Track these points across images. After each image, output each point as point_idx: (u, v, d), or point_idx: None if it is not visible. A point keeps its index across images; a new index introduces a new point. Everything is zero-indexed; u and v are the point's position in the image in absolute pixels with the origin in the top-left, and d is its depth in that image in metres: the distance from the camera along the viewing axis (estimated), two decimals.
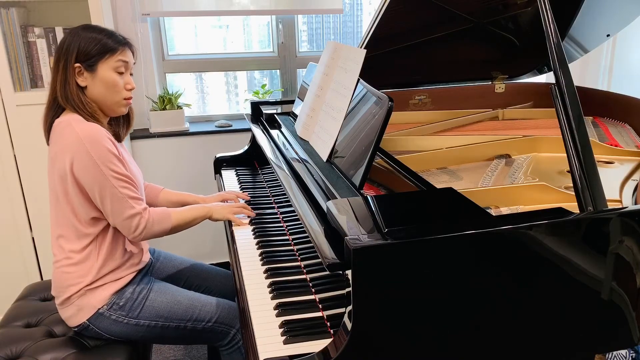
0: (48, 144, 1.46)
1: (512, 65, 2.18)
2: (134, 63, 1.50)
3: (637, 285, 1.06)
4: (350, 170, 1.28)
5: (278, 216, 1.67)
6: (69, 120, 1.39)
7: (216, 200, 1.77)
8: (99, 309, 1.43)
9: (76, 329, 1.46)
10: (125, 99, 1.47)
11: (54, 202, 1.45)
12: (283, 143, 1.68)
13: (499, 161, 1.68)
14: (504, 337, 1.01)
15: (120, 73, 1.44)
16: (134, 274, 1.50)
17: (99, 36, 1.41)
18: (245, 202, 1.76)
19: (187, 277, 1.71)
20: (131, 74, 1.48)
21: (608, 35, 2.06)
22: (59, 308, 1.47)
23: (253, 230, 1.60)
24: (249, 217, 1.68)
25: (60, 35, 2.23)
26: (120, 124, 1.57)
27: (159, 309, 1.47)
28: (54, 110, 1.44)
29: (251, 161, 2.15)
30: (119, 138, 1.55)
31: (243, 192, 1.89)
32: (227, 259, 1.55)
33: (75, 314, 1.43)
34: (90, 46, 1.40)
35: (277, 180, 1.80)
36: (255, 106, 2.10)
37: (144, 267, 1.57)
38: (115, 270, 1.46)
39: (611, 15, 1.96)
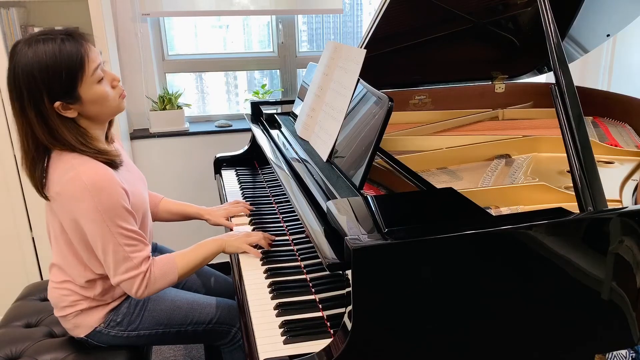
0: (43, 195, 1.28)
1: (512, 65, 2.18)
2: (101, 53, 1.27)
3: (637, 285, 1.06)
4: (350, 170, 1.28)
5: (278, 216, 1.67)
6: (72, 163, 1.22)
7: (222, 214, 1.68)
8: (96, 327, 1.39)
9: (77, 339, 1.44)
10: (120, 96, 1.31)
11: (52, 236, 1.36)
12: (283, 143, 1.68)
13: (499, 161, 1.68)
14: (504, 337, 1.01)
15: (102, 79, 1.24)
16: None
17: (57, 63, 1.15)
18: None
19: (187, 280, 1.70)
20: (104, 63, 1.27)
21: (608, 35, 2.06)
22: (58, 318, 1.44)
23: (253, 230, 1.60)
24: (249, 215, 1.68)
25: None
26: (110, 124, 1.40)
27: (158, 318, 1.44)
28: (44, 157, 1.25)
29: (251, 161, 2.15)
30: (111, 139, 1.42)
31: (243, 192, 1.90)
32: (227, 259, 1.54)
33: (73, 329, 1.41)
34: (56, 75, 1.16)
35: (277, 180, 1.80)
36: (255, 106, 2.10)
37: None
38: (112, 294, 1.41)
39: (611, 15, 1.96)
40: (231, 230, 1.63)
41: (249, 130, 2.12)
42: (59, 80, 1.17)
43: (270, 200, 1.81)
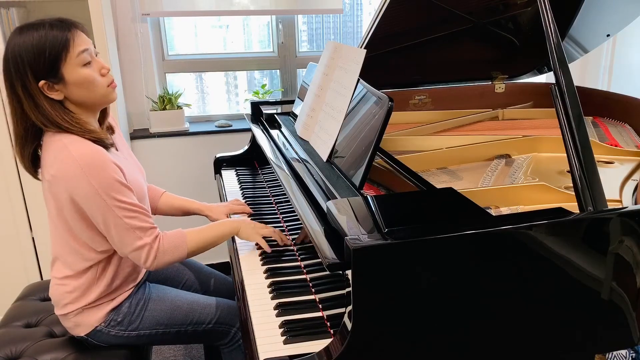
0: (37, 177, 1.33)
1: (512, 65, 2.18)
2: (94, 45, 1.32)
3: (637, 285, 1.06)
4: (350, 170, 1.28)
5: (278, 216, 1.67)
6: (64, 142, 1.24)
7: (223, 211, 1.68)
8: (97, 326, 1.40)
9: (77, 338, 1.44)
10: (108, 85, 1.31)
11: (51, 223, 1.37)
12: (283, 143, 1.68)
13: (499, 161, 1.68)
14: (504, 337, 1.01)
15: (88, 64, 1.27)
16: (131, 289, 1.46)
17: (41, 44, 1.20)
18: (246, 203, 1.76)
19: (187, 278, 1.71)
20: (97, 54, 1.31)
21: (608, 35, 2.06)
22: (59, 317, 1.44)
23: None
24: (249, 215, 1.68)
25: None
26: (104, 114, 1.42)
27: (158, 318, 1.44)
28: (33, 138, 1.29)
29: (251, 161, 2.15)
30: (112, 129, 1.45)
31: (243, 192, 1.90)
32: (227, 259, 1.54)
33: (73, 328, 1.42)
34: (41, 58, 1.20)
35: (277, 180, 1.80)
36: (255, 106, 2.10)
37: (141, 279, 1.52)
38: (113, 291, 1.41)
39: (611, 15, 1.96)
40: None
41: (249, 130, 2.12)
42: (42, 59, 1.21)
43: (270, 200, 1.81)
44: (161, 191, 1.73)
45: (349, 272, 0.91)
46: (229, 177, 2.06)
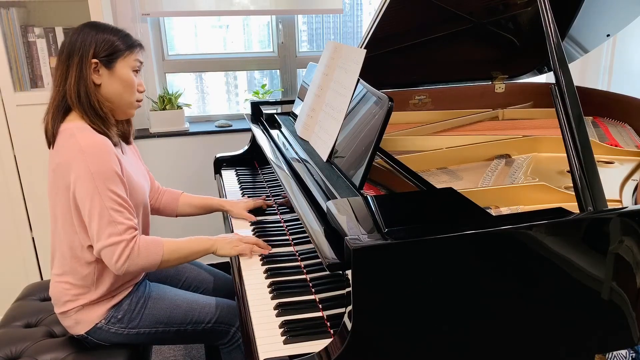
0: (52, 149, 1.36)
1: (512, 65, 2.18)
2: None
3: (637, 285, 1.06)
4: (350, 170, 1.28)
5: (278, 216, 1.67)
6: (73, 130, 1.31)
7: (244, 207, 1.68)
8: (97, 323, 1.40)
9: (77, 337, 1.45)
10: (137, 100, 1.43)
11: (53, 219, 1.39)
12: (283, 143, 1.68)
13: (499, 161, 1.68)
14: (504, 337, 1.01)
15: (136, 72, 1.40)
16: (132, 286, 1.47)
17: (114, 37, 1.36)
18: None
19: (186, 277, 1.71)
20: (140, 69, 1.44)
21: (608, 35, 2.06)
22: (58, 316, 1.45)
23: (253, 230, 1.60)
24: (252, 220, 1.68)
25: (60, 35, 2.23)
26: (124, 124, 1.49)
27: (158, 316, 1.45)
28: (62, 112, 1.35)
29: (251, 161, 2.15)
30: (127, 140, 1.49)
31: (243, 192, 1.90)
32: (227, 259, 1.54)
33: (73, 326, 1.42)
34: (109, 44, 1.34)
35: (277, 180, 1.80)
36: (255, 106, 2.10)
37: (142, 276, 1.53)
38: (113, 289, 1.42)
39: (611, 15, 1.96)
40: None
41: (249, 130, 2.12)
42: (109, 44, 1.35)
43: (270, 200, 1.81)
44: (179, 192, 1.75)
45: (349, 272, 0.91)
46: (229, 177, 2.06)
